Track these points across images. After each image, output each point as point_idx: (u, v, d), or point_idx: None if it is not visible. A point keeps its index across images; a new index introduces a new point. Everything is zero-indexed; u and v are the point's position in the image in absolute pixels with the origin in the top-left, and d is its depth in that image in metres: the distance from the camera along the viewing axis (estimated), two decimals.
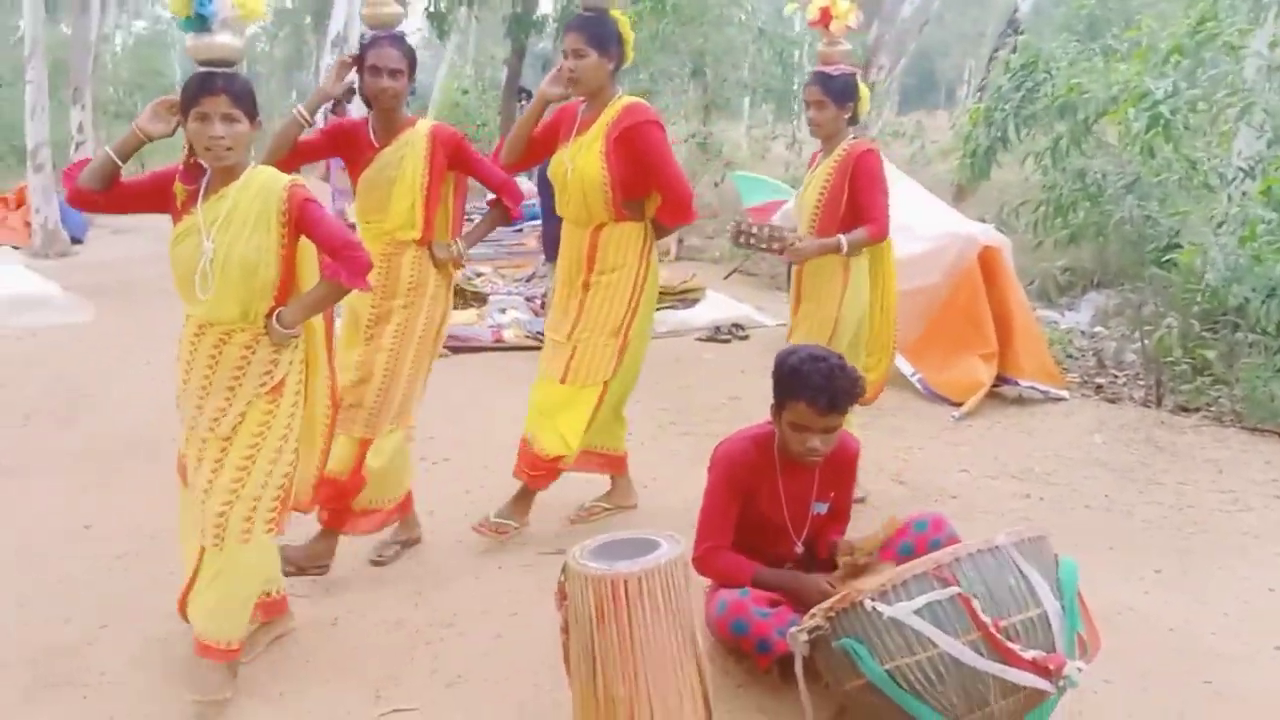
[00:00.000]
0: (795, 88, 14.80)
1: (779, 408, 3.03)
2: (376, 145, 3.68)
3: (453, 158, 3.74)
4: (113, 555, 4.05)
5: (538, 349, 7.27)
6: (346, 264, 2.86)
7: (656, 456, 5.33)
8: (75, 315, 8.53)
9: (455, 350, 7.23)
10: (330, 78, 3.64)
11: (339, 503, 3.70)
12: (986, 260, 6.17)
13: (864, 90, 4.24)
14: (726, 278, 10.48)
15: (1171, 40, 6.29)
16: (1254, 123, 6.40)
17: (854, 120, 4.25)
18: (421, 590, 3.76)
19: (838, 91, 4.12)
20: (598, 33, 3.73)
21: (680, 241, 12.33)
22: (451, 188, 3.87)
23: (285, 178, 2.90)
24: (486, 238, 4.28)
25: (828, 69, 4.15)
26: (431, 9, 14.33)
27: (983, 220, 7.60)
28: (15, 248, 11.56)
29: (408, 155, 3.65)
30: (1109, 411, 6.01)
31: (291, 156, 3.62)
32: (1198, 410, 5.98)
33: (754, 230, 4.23)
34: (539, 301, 8.59)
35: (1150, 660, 3.24)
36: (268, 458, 2.91)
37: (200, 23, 2.69)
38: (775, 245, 4.14)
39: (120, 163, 2.85)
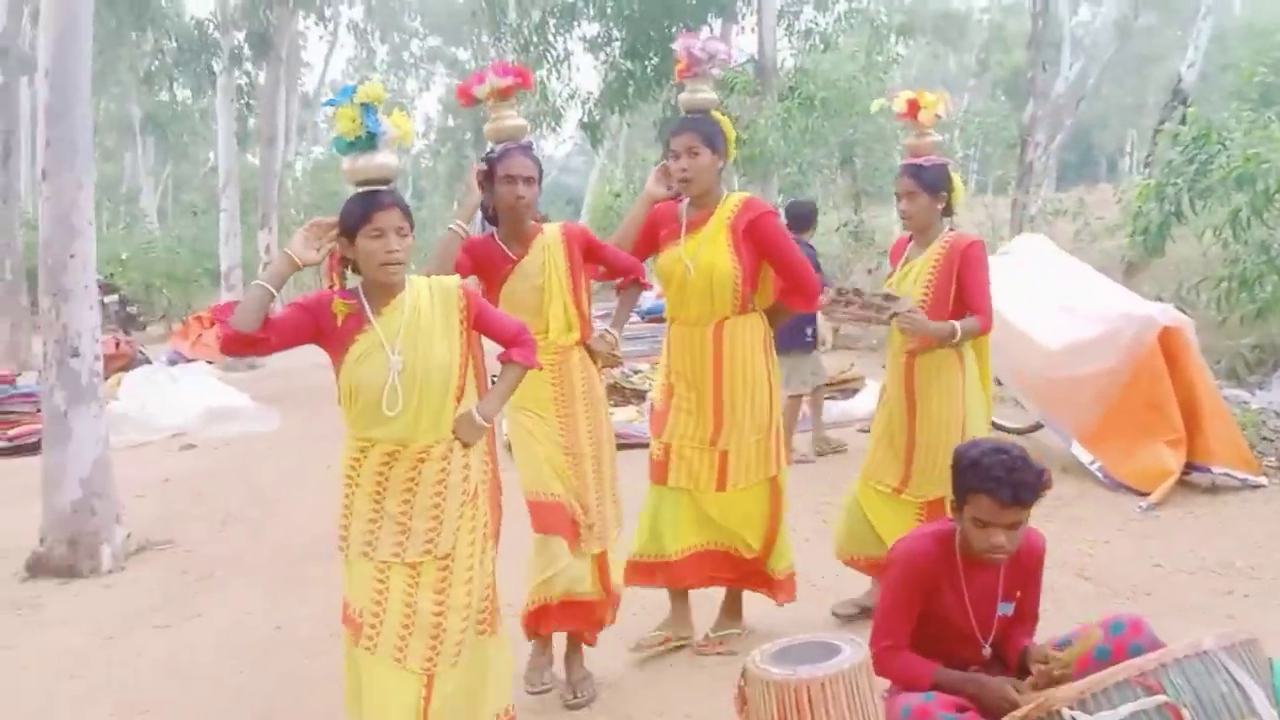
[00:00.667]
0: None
1: (960, 503, 2.93)
2: (514, 257, 3.62)
3: (586, 251, 3.71)
4: (302, 656, 4.23)
5: None
6: (524, 347, 2.92)
7: (823, 555, 5.19)
8: (264, 424, 9.09)
9: (620, 447, 7.29)
10: (471, 185, 3.56)
11: (595, 625, 3.72)
12: (1167, 341, 5.88)
13: (957, 181, 4.15)
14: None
15: None
16: None
17: (948, 211, 4.13)
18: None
19: (930, 182, 4.04)
20: (708, 132, 3.79)
21: (836, 330, 12.25)
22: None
23: (454, 278, 2.95)
24: (639, 335, 4.31)
25: (919, 160, 4.07)
26: (585, 119, 14.90)
27: (1159, 299, 7.29)
28: (210, 362, 12.43)
29: (549, 260, 3.61)
30: None
31: None
32: None
33: (859, 296, 4.01)
34: None
35: None
36: (484, 565, 2.89)
37: (367, 142, 2.70)
38: (884, 315, 3.91)
39: (276, 293, 2.72)
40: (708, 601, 4.22)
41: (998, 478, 2.80)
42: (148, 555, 5.73)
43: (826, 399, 8.40)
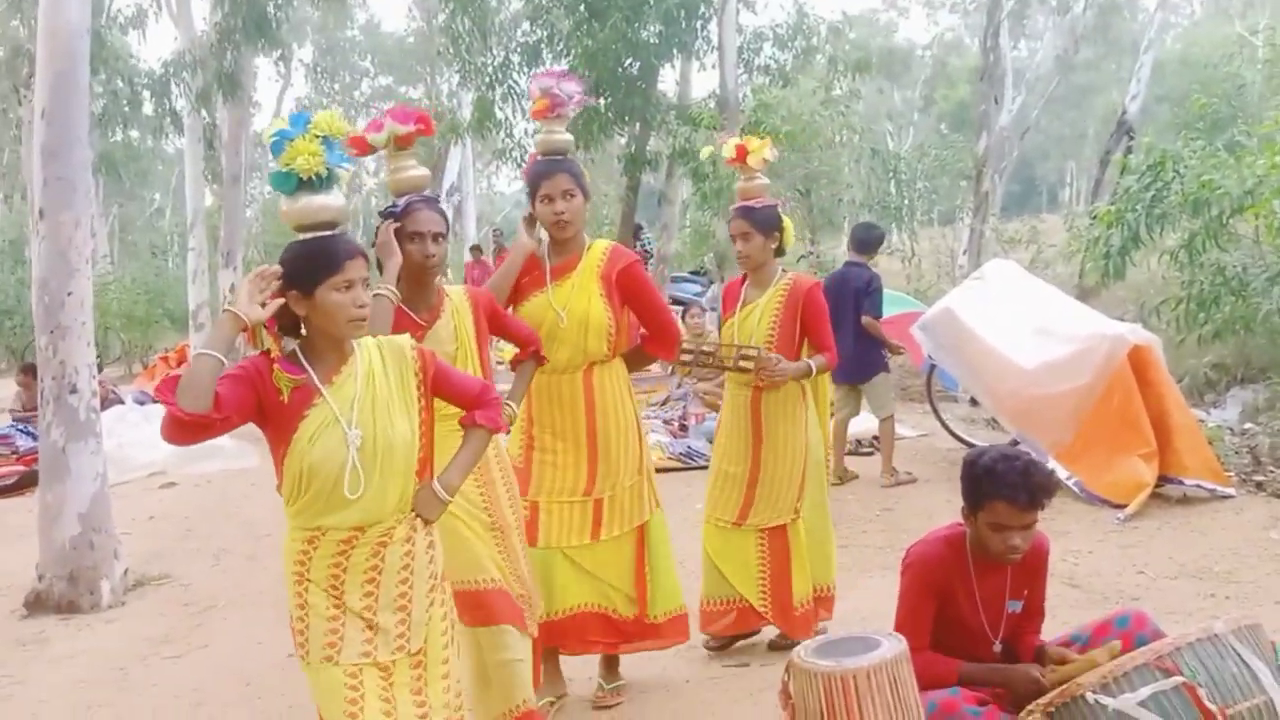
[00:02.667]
0: (906, 202, 15.09)
1: (974, 509, 3.09)
2: (422, 323, 3.26)
3: (490, 319, 3.45)
4: None
5: (682, 469, 7.53)
6: (489, 408, 2.64)
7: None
8: (242, 461, 9.04)
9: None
10: (393, 245, 3.17)
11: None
12: (1138, 359, 6.15)
13: (788, 222, 4.25)
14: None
15: None
16: None
17: (780, 251, 4.24)
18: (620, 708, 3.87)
19: (763, 223, 4.13)
20: (579, 173, 3.75)
21: None
22: None
23: (405, 337, 2.61)
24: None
25: (751, 203, 4.15)
26: None
27: (1120, 320, 7.59)
28: None
29: (460, 325, 3.32)
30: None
31: None
32: None
33: (710, 350, 4.15)
34: (677, 424, 8.79)
35: None
36: (457, 657, 2.64)
37: (322, 182, 2.38)
38: (745, 364, 3.97)
39: (224, 361, 2.30)
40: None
41: (1014, 483, 2.96)
42: (146, 590, 5.73)
43: None
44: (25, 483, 8.22)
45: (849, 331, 6.70)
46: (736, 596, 4.18)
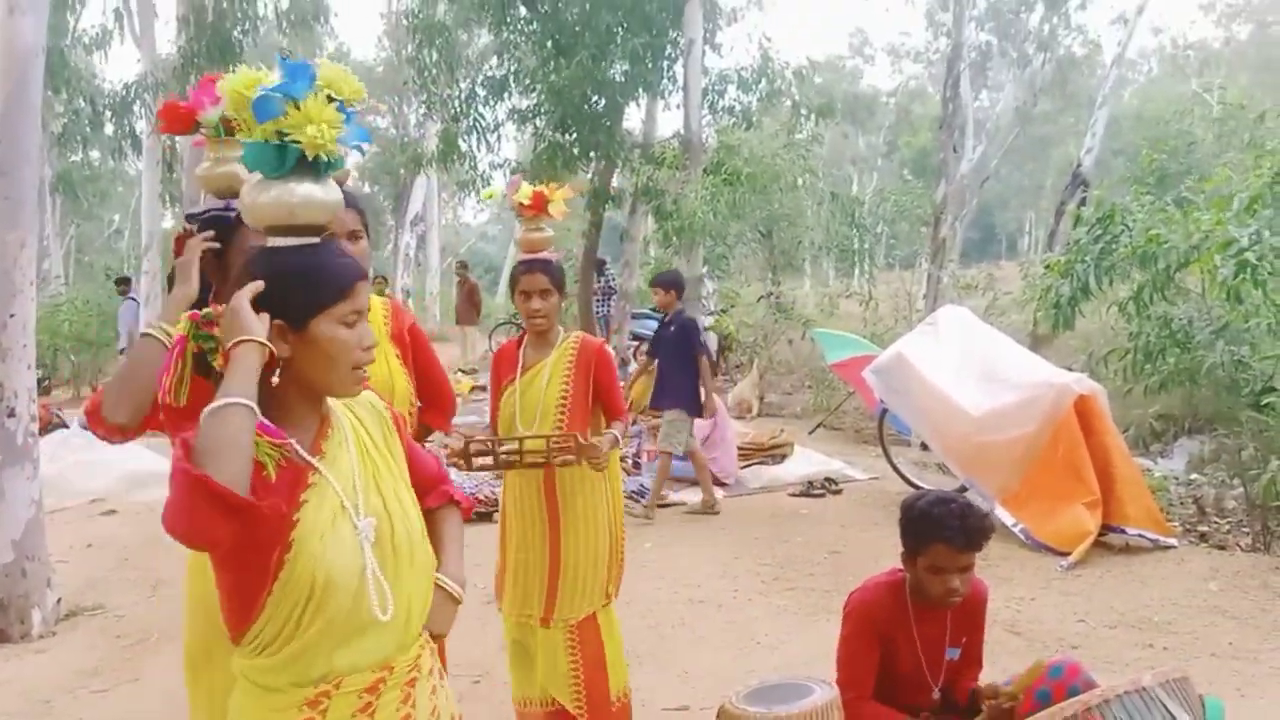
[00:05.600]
0: (866, 246, 15.27)
1: (913, 554, 3.11)
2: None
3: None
4: None
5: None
6: (449, 484, 2.08)
7: (764, 612, 5.40)
8: None
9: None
10: (190, 271, 2.37)
11: None
12: (1083, 408, 6.23)
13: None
14: (811, 432, 10.60)
15: (1251, 190, 6.47)
16: None
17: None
18: None
19: (559, 277, 3.72)
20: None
21: (761, 398, 12.54)
22: None
23: (367, 392, 1.90)
24: None
25: (545, 256, 3.67)
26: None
27: (1069, 369, 7.69)
28: None
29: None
30: (1220, 558, 5.93)
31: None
32: None
33: (514, 450, 3.47)
34: (630, 461, 8.76)
35: None
36: None
37: (319, 169, 1.71)
38: (568, 457, 3.42)
39: (259, 413, 1.60)
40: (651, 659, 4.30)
41: (951, 526, 3.00)
42: (79, 620, 5.59)
43: (757, 463, 8.63)
44: None
45: (692, 370, 7.64)
46: (548, 699, 3.56)
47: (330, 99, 1.67)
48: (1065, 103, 28.13)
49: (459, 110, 13.73)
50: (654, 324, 16.43)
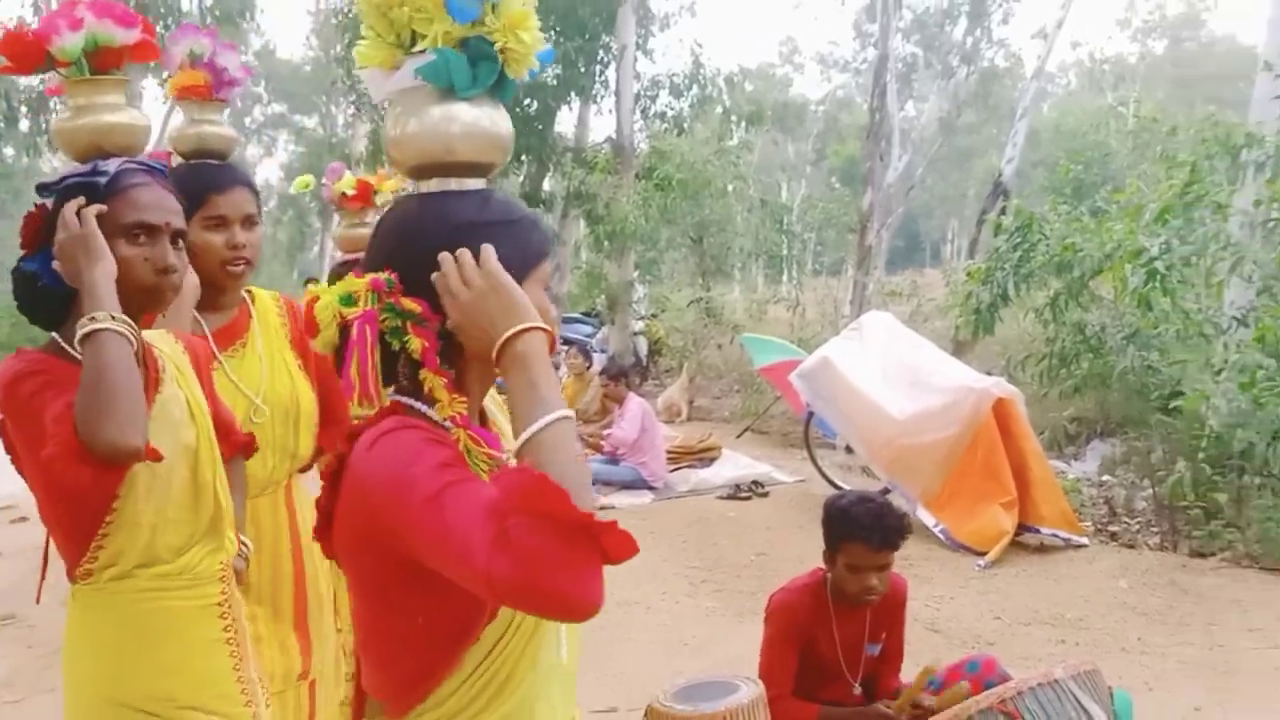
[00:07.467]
0: (794, 252, 15.48)
1: (833, 552, 3.20)
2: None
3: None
4: None
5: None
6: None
7: (692, 614, 5.45)
8: None
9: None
10: (91, 243, 1.78)
11: None
12: (1001, 411, 6.40)
13: None
14: (739, 436, 10.70)
15: (1162, 201, 6.72)
16: (1244, 274, 6.76)
17: None
18: None
19: None
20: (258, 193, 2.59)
21: (691, 402, 12.64)
22: None
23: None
24: None
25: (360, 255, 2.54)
26: None
27: (989, 373, 7.90)
28: None
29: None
30: (1130, 557, 6.13)
31: None
32: (1214, 553, 6.11)
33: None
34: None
35: None
36: None
37: (508, 89, 1.41)
38: None
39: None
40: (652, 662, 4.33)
41: (868, 525, 3.09)
42: None
43: (686, 467, 8.70)
44: None
45: None
46: None
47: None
48: (988, 114, 28.80)
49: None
50: (585, 328, 16.54)
